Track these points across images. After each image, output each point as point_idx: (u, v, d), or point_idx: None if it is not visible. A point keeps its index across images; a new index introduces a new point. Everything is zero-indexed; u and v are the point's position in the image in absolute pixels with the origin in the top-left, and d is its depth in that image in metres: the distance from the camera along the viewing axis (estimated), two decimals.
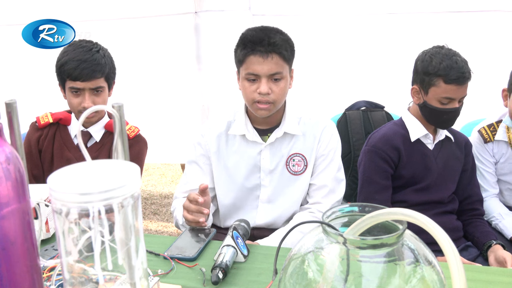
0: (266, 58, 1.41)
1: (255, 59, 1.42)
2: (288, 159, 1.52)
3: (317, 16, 2.73)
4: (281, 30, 1.48)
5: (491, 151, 1.83)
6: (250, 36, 1.44)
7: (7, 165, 0.60)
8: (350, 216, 0.73)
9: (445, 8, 2.56)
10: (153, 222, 3.41)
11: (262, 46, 1.41)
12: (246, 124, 1.54)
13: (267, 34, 1.43)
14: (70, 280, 0.58)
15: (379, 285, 0.64)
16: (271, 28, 1.47)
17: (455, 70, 1.52)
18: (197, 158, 1.58)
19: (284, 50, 1.43)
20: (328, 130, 1.55)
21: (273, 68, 1.42)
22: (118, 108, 0.69)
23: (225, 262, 1.06)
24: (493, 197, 1.83)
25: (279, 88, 1.44)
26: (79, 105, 1.61)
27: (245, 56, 1.44)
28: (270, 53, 1.41)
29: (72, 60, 1.57)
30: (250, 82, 1.45)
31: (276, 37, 1.42)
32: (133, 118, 1.82)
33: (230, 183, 1.55)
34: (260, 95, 1.43)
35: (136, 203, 0.58)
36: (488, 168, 1.83)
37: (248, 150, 1.54)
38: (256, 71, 1.43)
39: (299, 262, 0.70)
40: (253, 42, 1.42)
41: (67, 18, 1.97)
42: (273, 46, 1.41)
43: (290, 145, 1.53)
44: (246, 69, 1.44)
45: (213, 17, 2.77)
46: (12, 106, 0.77)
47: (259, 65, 1.42)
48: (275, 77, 1.44)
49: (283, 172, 1.53)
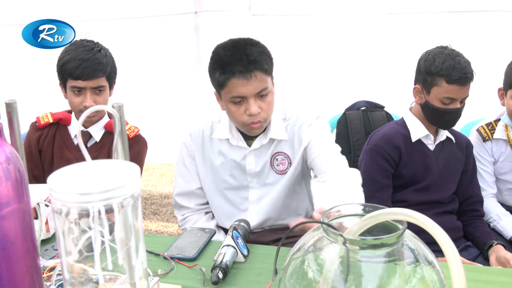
0: (249, 79, 1.32)
1: (238, 81, 1.32)
2: (272, 159, 1.50)
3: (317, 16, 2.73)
4: (255, 42, 1.39)
5: (490, 150, 1.83)
6: (226, 58, 1.34)
7: (7, 165, 0.60)
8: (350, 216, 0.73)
9: (445, 8, 2.56)
10: (153, 222, 3.41)
11: (242, 66, 1.31)
12: (230, 128, 1.49)
13: (243, 52, 1.33)
14: (70, 280, 0.58)
15: (379, 285, 0.64)
16: (244, 43, 1.36)
17: (457, 71, 1.52)
18: (184, 158, 1.57)
19: (265, 64, 1.35)
20: (306, 124, 1.49)
21: (259, 86, 1.34)
22: (118, 108, 0.69)
23: (225, 262, 1.06)
24: (491, 197, 1.83)
25: (267, 104, 1.38)
26: (80, 104, 1.61)
27: (225, 80, 1.34)
28: (252, 71, 1.32)
29: (74, 59, 1.57)
30: (236, 104, 1.37)
31: (253, 53, 1.33)
32: (133, 118, 1.82)
33: (217, 183, 1.55)
34: (250, 116, 1.36)
35: (136, 203, 0.58)
36: (486, 168, 1.83)
37: (232, 153, 1.51)
38: (242, 93, 1.34)
39: (299, 262, 0.70)
40: (231, 64, 1.32)
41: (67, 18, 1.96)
42: (254, 64, 1.32)
43: (274, 146, 1.51)
44: (230, 93, 1.36)
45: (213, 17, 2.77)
46: (12, 106, 0.77)
47: (243, 86, 1.33)
48: (261, 94, 1.36)
49: (269, 172, 1.52)
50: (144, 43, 2.82)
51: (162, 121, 2.92)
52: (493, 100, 1.82)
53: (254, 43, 1.38)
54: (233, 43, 1.37)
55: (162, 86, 2.93)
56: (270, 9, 2.77)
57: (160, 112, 2.94)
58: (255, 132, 1.44)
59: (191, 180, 1.57)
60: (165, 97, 2.94)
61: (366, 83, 2.69)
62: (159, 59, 2.87)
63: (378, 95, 2.27)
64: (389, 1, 2.64)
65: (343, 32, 2.71)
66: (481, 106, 2.17)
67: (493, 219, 1.77)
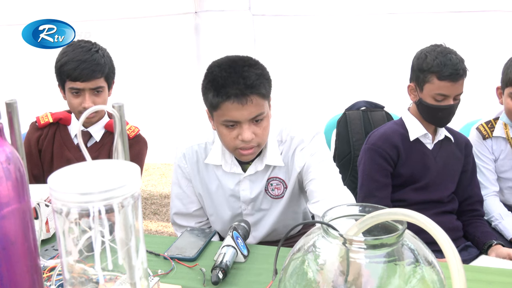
0: (245, 104, 1.22)
1: (232, 106, 1.23)
2: (266, 184, 1.44)
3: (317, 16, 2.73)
4: (253, 62, 1.29)
5: (490, 148, 1.84)
6: (221, 79, 1.24)
7: (7, 165, 0.61)
8: (350, 216, 0.73)
9: (445, 8, 2.56)
10: (153, 222, 3.41)
11: (238, 90, 1.22)
12: (223, 153, 1.41)
13: (240, 74, 1.23)
14: (70, 280, 0.58)
15: (379, 285, 0.64)
16: (242, 62, 1.26)
17: (448, 67, 1.54)
18: (180, 181, 1.50)
19: (263, 88, 1.25)
20: (300, 147, 1.41)
21: (254, 111, 1.25)
22: (118, 108, 0.69)
23: (225, 262, 1.06)
24: (493, 196, 1.83)
25: (262, 129, 1.29)
26: (79, 106, 1.61)
27: (219, 103, 1.25)
28: (248, 96, 1.22)
29: (71, 61, 1.57)
30: (228, 128, 1.28)
31: (251, 76, 1.23)
32: (133, 118, 1.82)
33: (215, 207, 1.50)
34: (242, 142, 1.28)
35: (136, 203, 0.58)
36: (487, 165, 1.84)
37: (225, 180, 1.44)
38: (235, 118, 1.25)
39: (299, 262, 0.70)
40: (225, 87, 1.22)
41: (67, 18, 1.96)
42: (251, 88, 1.22)
43: (269, 172, 1.43)
44: (222, 116, 1.26)
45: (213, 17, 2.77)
46: (12, 106, 0.77)
47: (237, 111, 1.24)
48: (256, 119, 1.27)
49: (265, 197, 1.46)
50: (144, 43, 2.82)
51: (162, 121, 2.92)
52: (493, 99, 1.82)
53: (252, 64, 1.28)
54: (230, 62, 1.27)
55: (162, 86, 2.93)
56: (270, 9, 2.77)
57: (160, 112, 2.94)
58: (246, 158, 1.36)
59: (189, 203, 1.52)
60: (165, 97, 2.94)
61: (366, 83, 2.69)
62: (159, 59, 2.87)
63: (378, 95, 2.27)
64: (389, 1, 2.64)
65: (343, 32, 2.71)
66: (481, 106, 2.17)
67: (495, 218, 1.77)
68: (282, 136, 1.43)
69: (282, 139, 1.43)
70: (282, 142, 1.42)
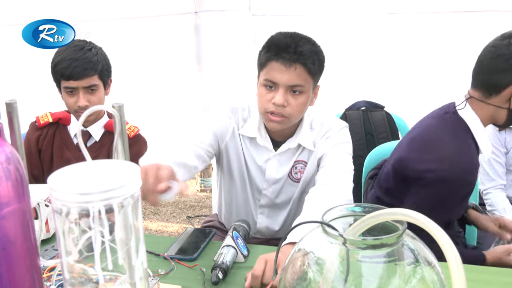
0: (288, 67, 1.27)
1: (277, 65, 1.28)
2: (291, 168, 1.46)
3: (317, 16, 2.73)
4: (313, 41, 1.34)
5: (504, 140, 1.84)
6: (276, 40, 1.31)
7: (7, 165, 0.60)
8: (350, 216, 0.73)
9: (445, 8, 2.56)
10: (153, 222, 3.41)
11: (287, 53, 1.26)
12: (259, 126, 1.43)
13: (295, 41, 1.28)
14: (70, 280, 0.58)
15: (379, 285, 0.64)
16: (303, 36, 1.32)
17: None
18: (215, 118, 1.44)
19: (311, 63, 1.29)
20: (326, 135, 1.44)
21: (294, 79, 1.28)
22: (118, 108, 0.69)
23: (225, 262, 1.06)
24: (499, 189, 1.82)
25: (297, 102, 1.31)
26: (74, 105, 1.61)
27: (267, 60, 1.30)
28: (294, 62, 1.26)
29: (64, 60, 1.57)
30: (267, 89, 1.32)
31: (305, 46, 1.28)
32: (133, 118, 1.82)
33: (233, 180, 1.51)
34: (274, 105, 1.30)
35: (136, 203, 0.58)
36: (498, 158, 1.83)
37: (255, 154, 1.45)
38: (275, 79, 1.29)
39: (299, 262, 0.70)
40: (278, 46, 1.28)
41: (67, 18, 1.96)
42: (298, 55, 1.26)
43: (298, 154, 1.45)
44: (266, 75, 1.31)
45: (213, 17, 2.77)
46: (12, 106, 0.77)
47: (279, 73, 1.28)
48: (294, 89, 1.30)
49: (286, 180, 1.48)
50: (144, 43, 2.83)
51: (162, 121, 2.92)
52: None
53: (312, 42, 1.33)
54: (294, 33, 1.33)
55: (162, 86, 2.93)
56: (270, 9, 2.77)
57: (160, 112, 2.94)
58: (272, 126, 1.35)
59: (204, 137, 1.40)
60: (165, 97, 2.94)
61: (366, 83, 2.69)
62: (159, 59, 2.87)
63: (378, 95, 2.27)
64: (389, 1, 2.64)
65: (343, 32, 2.71)
66: None
67: (499, 212, 1.77)
68: (312, 124, 1.46)
69: (312, 126, 1.46)
70: (312, 129, 1.45)
